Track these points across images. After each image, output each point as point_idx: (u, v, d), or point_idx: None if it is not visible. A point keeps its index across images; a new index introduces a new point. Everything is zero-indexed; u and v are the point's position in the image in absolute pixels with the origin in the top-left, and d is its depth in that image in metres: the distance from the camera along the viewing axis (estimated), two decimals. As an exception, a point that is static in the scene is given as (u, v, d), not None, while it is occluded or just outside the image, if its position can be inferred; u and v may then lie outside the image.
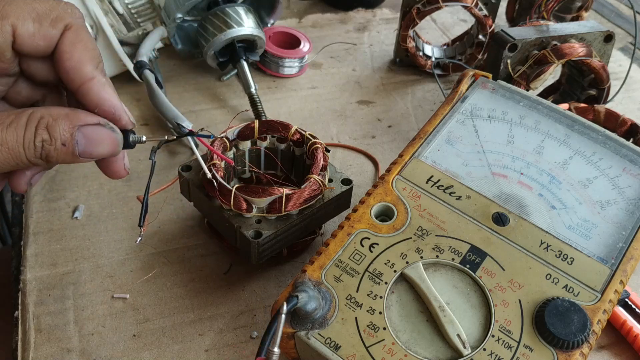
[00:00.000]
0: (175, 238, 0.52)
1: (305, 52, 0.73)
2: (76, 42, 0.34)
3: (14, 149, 0.32)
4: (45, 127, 0.33)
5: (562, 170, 0.44)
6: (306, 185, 0.45)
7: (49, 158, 0.33)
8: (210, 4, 0.67)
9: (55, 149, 0.33)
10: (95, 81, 0.34)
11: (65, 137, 0.33)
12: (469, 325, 0.37)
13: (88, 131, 0.34)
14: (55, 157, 0.34)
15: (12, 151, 0.32)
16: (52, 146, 0.33)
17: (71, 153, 0.34)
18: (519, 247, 0.40)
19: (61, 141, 0.33)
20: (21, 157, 0.33)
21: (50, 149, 0.33)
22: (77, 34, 0.34)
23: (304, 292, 0.36)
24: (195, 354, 0.44)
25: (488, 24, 0.68)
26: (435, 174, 0.44)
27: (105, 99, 0.35)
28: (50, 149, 0.33)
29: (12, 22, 0.32)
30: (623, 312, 0.47)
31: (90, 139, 0.34)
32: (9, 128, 0.32)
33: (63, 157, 0.34)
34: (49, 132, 0.33)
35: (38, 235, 0.52)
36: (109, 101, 0.35)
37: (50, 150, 0.33)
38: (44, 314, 0.46)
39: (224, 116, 0.66)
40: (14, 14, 0.32)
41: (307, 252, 0.52)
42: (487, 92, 0.49)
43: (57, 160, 0.34)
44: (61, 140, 0.33)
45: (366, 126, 0.66)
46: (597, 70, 0.60)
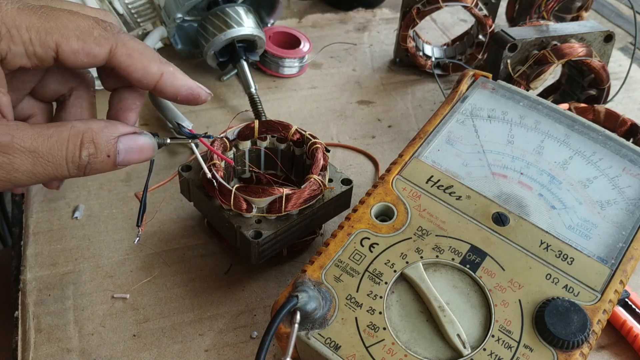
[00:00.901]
0: (175, 238, 0.52)
1: (305, 52, 0.73)
2: (131, 52, 0.35)
3: (57, 162, 0.33)
4: (92, 141, 0.34)
5: (562, 170, 0.44)
6: (306, 185, 0.45)
7: (91, 171, 0.34)
8: (210, 4, 0.67)
9: (100, 162, 0.34)
10: (165, 75, 0.36)
11: (109, 149, 0.34)
12: (469, 325, 0.37)
13: (127, 141, 0.35)
14: (97, 169, 0.35)
15: (55, 164, 0.33)
16: (98, 159, 0.34)
17: (112, 163, 0.35)
18: (519, 247, 0.40)
19: (106, 153, 0.34)
20: (62, 170, 0.34)
21: (96, 162, 0.34)
22: (127, 46, 0.35)
23: (304, 292, 0.36)
24: (195, 354, 0.44)
25: (488, 24, 0.68)
26: (435, 174, 0.44)
27: (180, 85, 0.37)
28: (95, 162, 0.34)
29: (56, 39, 0.33)
30: (623, 312, 0.47)
31: (129, 147, 0.35)
32: (50, 140, 0.33)
33: (104, 168, 0.35)
34: (95, 146, 0.34)
35: (38, 235, 0.52)
36: (185, 86, 0.37)
37: (95, 162, 0.34)
38: (44, 314, 0.46)
39: (224, 116, 0.66)
40: (58, 31, 0.33)
41: (307, 252, 0.52)
42: (487, 92, 0.50)
43: (98, 171, 0.35)
44: (106, 152, 0.34)
45: (366, 126, 0.66)
46: (597, 70, 0.60)
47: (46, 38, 0.33)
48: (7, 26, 0.32)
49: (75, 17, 0.34)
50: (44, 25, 0.33)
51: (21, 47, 0.32)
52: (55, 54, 0.33)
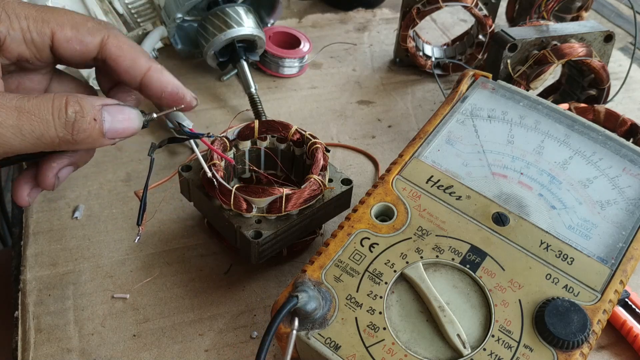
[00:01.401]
0: (175, 238, 0.52)
1: (305, 52, 0.73)
2: (121, 44, 0.37)
3: (43, 117, 0.33)
4: (77, 102, 0.34)
5: (562, 170, 0.44)
6: (306, 185, 0.45)
7: (79, 132, 0.34)
8: (210, 4, 0.67)
9: (87, 123, 0.34)
10: (152, 69, 0.38)
11: (95, 113, 0.35)
12: (469, 325, 0.37)
13: (112, 109, 0.36)
14: (85, 132, 0.34)
15: (41, 119, 0.33)
16: (84, 118, 0.34)
17: (99, 130, 0.35)
18: (519, 247, 0.40)
19: (92, 115, 0.34)
20: (49, 127, 0.33)
21: (83, 122, 0.34)
22: (118, 38, 0.37)
23: (304, 292, 0.36)
24: (195, 354, 0.44)
25: (488, 24, 0.68)
26: (435, 174, 0.44)
27: (168, 81, 0.38)
28: (82, 122, 0.34)
29: (51, 27, 0.35)
30: (623, 312, 0.47)
31: (114, 116, 0.36)
32: (36, 99, 0.33)
33: (92, 134, 0.35)
34: (81, 105, 0.34)
35: (38, 235, 0.52)
36: (171, 83, 0.39)
37: (83, 123, 0.34)
38: (44, 314, 0.46)
39: (224, 116, 0.66)
40: (55, 20, 0.36)
41: (307, 252, 0.52)
42: (487, 92, 0.50)
43: (86, 136, 0.35)
44: (92, 115, 0.34)
45: (366, 126, 0.66)
46: (597, 70, 0.60)
47: (42, 26, 0.35)
48: (7, 13, 0.34)
49: (71, 13, 0.36)
50: (41, 15, 0.35)
51: (19, 33, 0.35)
52: (50, 41, 0.36)
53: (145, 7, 0.67)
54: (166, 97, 0.38)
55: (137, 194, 0.51)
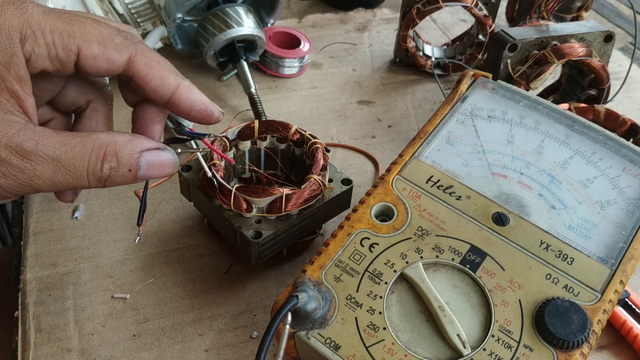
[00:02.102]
0: (175, 238, 0.52)
1: (305, 52, 0.73)
2: (149, 62, 0.36)
3: (78, 173, 0.33)
4: (115, 154, 0.34)
5: (562, 170, 0.44)
6: (306, 185, 0.45)
7: (111, 183, 0.34)
8: (210, 4, 0.67)
9: (120, 175, 0.34)
10: (181, 87, 0.36)
11: (131, 164, 0.34)
12: (469, 325, 0.37)
13: (150, 156, 0.35)
14: (117, 182, 0.35)
15: (75, 175, 0.33)
16: (119, 172, 0.34)
17: (133, 177, 0.35)
18: (519, 247, 0.40)
19: (128, 167, 0.34)
20: (82, 180, 0.34)
21: (117, 175, 0.34)
22: (146, 55, 0.36)
23: (304, 292, 0.36)
24: (195, 354, 0.44)
25: (488, 24, 0.68)
26: (435, 174, 0.44)
27: (195, 99, 0.37)
28: (116, 175, 0.34)
29: (78, 43, 0.33)
30: (623, 312, 0.47)
31: (151, 163, 0.35)
32: (74, 150, 0.33)
33: (124, 181, 0.35)
34: (117, 160, 0.34)
35: (38, 235, 0.52)
36: (199, 100, 0.37)
37: (116, 176, 0.34)
38: (44, 314, 0.46)
39: (224, 116, 0.66)
40: (81, 35, 0.34)
41: (307, 252, 0.52)
42: (487, 92, 0.50)
43: (117, 184, 0.35)
44: (128, 167, 0.34)
45: (366, 126, 0.66)
46: (597, 70, 0.60)
47: (69, 41, 0.33)
48: (32, 28, 0.32)
49: (98, 24, 0.34)
50: (67, 29, 0.33)
51: (44, 50, 0.33)
52: (76, 57, 0.34)
53: (145, 7, 0.67)
54: (195, 114, 0.37)
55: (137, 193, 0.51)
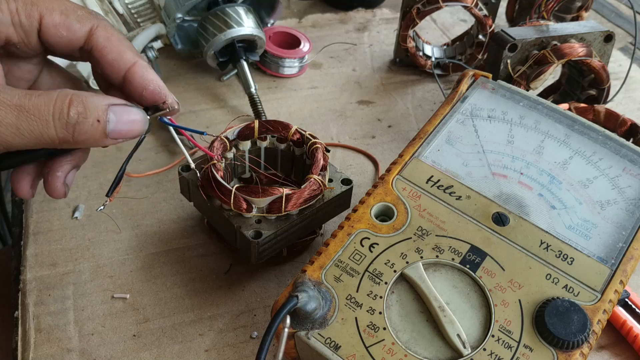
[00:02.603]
0: (175, 238, 0.52)
1: (305, 52, 0.73)
2: (109, 36, 0.36)
3: (43, 117, 0.32)
4: (81, 102, 0.33)
5: (562, 170, 0.44)
6: (306, 185, 0.45)
7: (80, 134, 0.33)
8: (210, 4, 0.67)
9: (89, 124, 0.33)
10: (138, 64, 0.36)
11: (99, 114, 0.34)
12: (469, 325, 0.37)
13: (119, 110, 0.35)
14: (86, 134, 0.34)
15: (40, 120, 0.32)
16: (87, 120, 0.33)
17: (102, 131, 0.34)
18: (519, 247, 0.40)
19: (96, 117, 0.33)
20: (48, 127, 0.33)
21: (85, 123, 0.33)
22: (107, 30, 0.36)
23: (304, 292, 0.36)
24: (195, 354, 0.44)
25: (488, 24, 0.68)
26: (435, 174, 0.44)
27: (151, 79, 0.36)
28: (84, 123, 0.33)
29: (40, 11, 0.35)
30: (623, 312, 0.47)
31: (120, 117, 0.35)
32: (39, 98, 0.33)
33: (93, 135, 0.34)
34: (85, 106, 0.33)
35: (38, 235, 0.52)
36: (154, 81, 0.37)
37: (84, 124, 0.33)
38: (44, 314, 0.46)
39: (224, 116, 0.66)
40: (44, 4, 0.35)
41: (307, 252, 0.52)
42: (487, 92, 0.49)
43: (87, 137, 0.34)
44: (96, 116, 0.33)
45: (366, 126, 0.66)
46: (597, 70, 0.60)
47: (32, 9, 0.34)
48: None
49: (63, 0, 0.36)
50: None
51: (7, 16, 0.34)
52: (39, 25, 0.35)
53: (145, 7, 0.67)
54: (147, 95, 0.37)
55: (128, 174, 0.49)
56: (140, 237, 0.52)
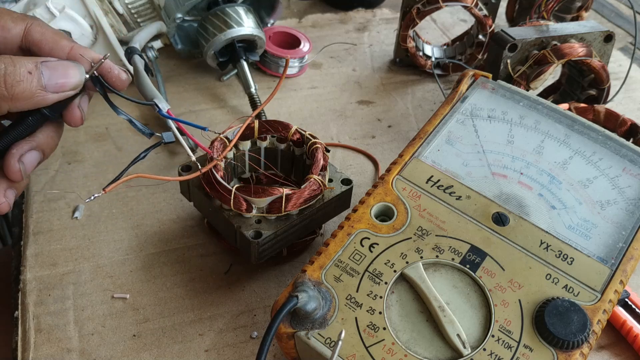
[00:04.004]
0: (175, 238, 0.52)
1: (305, 52, 0.73)
2: (43, 31, 0.38)
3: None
4: (9, 57, 0.35)
5: (562, 170, 0.44)
6: (306, 185, 0.45)
7: (13, 86, 0.35)
8: (210, 4, 0.67)
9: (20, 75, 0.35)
10: (75, 48, 0.38)
11: (29, 67, 0.35)
12: (469, 325, 0.37)
13: (51, 64, 0.36)
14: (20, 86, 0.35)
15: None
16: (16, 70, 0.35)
17: (37, 84, 0.35)
18: (519, 247, 0.40)
19: (26, 69, 0.35)
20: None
21: (15, 74, 0.34)
22: (42, 26, 0.38)
23: (304, 292, 0.36)
24: (195, 354, 0.44)
25: (488, 24, 0.68)
26: (435, 174, 0.44)
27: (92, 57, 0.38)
28: (14, 74, 0.34)
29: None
30: (623, 312, 0.47)
31: (54, 71, 0.36)
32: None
33: (29, 87, 0.35)
34: (12, 60, 0.35)
35: (38, 235, 0.52)
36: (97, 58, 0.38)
37: (15, 76, 0.34)
38: (44, 314, 0.46)
39: (224, 116, 0.66)
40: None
41: (307, 252, 0.52)
42: (487, 92, 0.50)
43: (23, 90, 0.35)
44: (27, 69, 0.35)
45: (366, 126, 0.66)
46: (597, 70, 0.60)
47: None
48: None
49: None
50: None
51: None
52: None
53: (145, 7, 0.67)
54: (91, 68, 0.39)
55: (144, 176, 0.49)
56: (140, 237, 0.52)
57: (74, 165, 0.58)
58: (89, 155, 0.60)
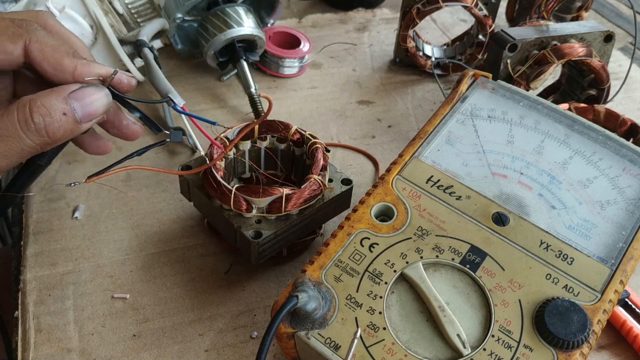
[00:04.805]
0: (175, 238, 0.52)
1: (305, 52, 0.73)
2: (43, 48, 0.36)
3: (14, 134, 0.33)
4: (41, 105, 0.34)
5: (562, 170, 0.44)
6: (306, 185, 0.45)
7: (55, 132, 0.34)
8: (210, 4, 0.67)
9: (57, 121, 0.34)
10: (79, 67, 0.36)
11: (63, 107, 0.34)
12: (469, 325, 0.37)
13: (78, 95, 0.36)
14: (60, 130, 0.35)
15: (15, 138, 0.33)
16: (54, 118, 0.34)
17: (73, 121, 0.35)
18: (519, 247, 0.40)
19: (61, 111, 0.34)
20: (23, 141, 0.34)
21: (53, 122, 0.34)
22: (40, 42, 0.36)
23: (304, 292, 0.36)
24: (195, 354, 0.44)
25: (488, 24, 0.68)
26: (435, 174, 0.44)
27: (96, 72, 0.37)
28: (52, 122, 0.34)
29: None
30: (623, 312, 0.47)
31: (83, 101, 0.36)
32: (2, 117, 0.33)
33: (67, 127, 0.35)
34: (46, 107, 0.34)
35: (38, 235, 0.52)
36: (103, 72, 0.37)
37: (53, 122, 0.34)
38: (44, 314, 0.46)
39: (224, 116, 0.66)
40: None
41: (307, 252, 0.52)
42: (487, 92, 0.50)
43: (63, 132, 0.35)
44: (60, 111, 0.34)
45: (366, 126, 0.66)
46: (597, 70, 0.60)
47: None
48: None
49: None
50: None
51: None
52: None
53: (145, 7, 0.67)
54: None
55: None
56: (140, 237, 0.52)
57: (74, 165, 0.58)
58: (89, 155, 0.59)
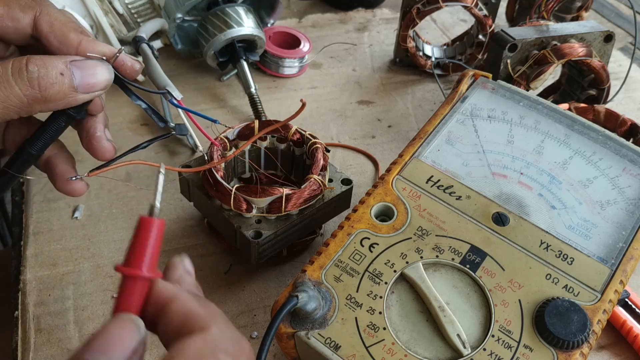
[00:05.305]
0: (175, 238, 0.52)
1: (305, 52, 0.73)
2: (52, 21, 0.36)
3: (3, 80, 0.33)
4: (39, 59, 0.34)
5: (562, 170, 0.44)
6: (306, 185, 0.45)
7: (46, 88, 0.34)
8: (210, 4, 0.67)
9: (53, 78, 0.34)
10: (84, 42, 0.36)
11: (61, 67, 0.34)
12: (469, 325, 0.37)
13: (80, 63, 0.35)
14: (53, 87, 0.34)
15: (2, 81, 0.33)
16: (49, 72, 0.34)
17: (69, 84, 0.35)
18: (519, 247, 0.40)
19: (58, 70, 0.34)
20: (12, 88, 0.33)
21: (48, 76, 0.34)
22: (49, 15, 0.37)
23: (304, 292, 0.36)
24: (195, 354, 0.44)
25: (488, 24, 0.68)
26: (435, 174, 0.44)
27: (99, 50, 0.37)
28: (47, 77, 0.34)
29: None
30: (623, 312, 0.47)
31: (84, 70, 0.35)
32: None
33: (60, 89, 0.34)
34: (43, 61, 0.34)
35: (38, 235, 0.52)
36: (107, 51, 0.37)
37: (47, 76, 0.34)
38: (44, 314, 0.46)
39: (224, 116, 0.66)
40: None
41: (307, 252, 0.52)
42: (487, 92, 0.49)
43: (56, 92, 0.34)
44: (58, 70, 0.34)
45: (366, 126, 0.66)
46: (597, 70, 0.60)
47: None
48: None
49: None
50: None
51: None
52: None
53: (145, 7, 0.67)
54: None
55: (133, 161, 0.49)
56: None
57: (74, 165, 0.58)
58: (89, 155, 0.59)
